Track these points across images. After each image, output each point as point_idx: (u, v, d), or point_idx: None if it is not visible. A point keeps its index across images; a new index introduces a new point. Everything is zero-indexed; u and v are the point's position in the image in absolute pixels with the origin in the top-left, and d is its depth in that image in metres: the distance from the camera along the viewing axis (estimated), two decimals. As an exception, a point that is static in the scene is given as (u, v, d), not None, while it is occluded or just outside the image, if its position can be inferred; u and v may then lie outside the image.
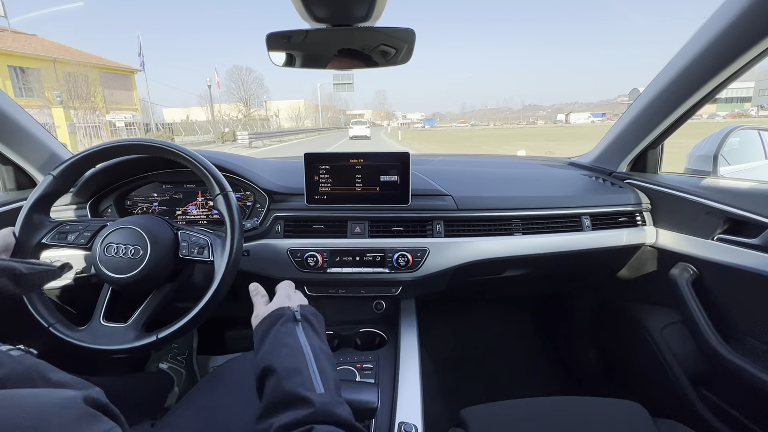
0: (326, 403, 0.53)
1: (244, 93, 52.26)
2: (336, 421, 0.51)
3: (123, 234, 0.81)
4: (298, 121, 67.65)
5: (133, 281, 0.79)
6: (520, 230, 1.11)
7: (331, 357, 0.63)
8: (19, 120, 1.03)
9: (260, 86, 54.84)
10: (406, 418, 0.82)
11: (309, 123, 69.03)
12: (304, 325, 0.64)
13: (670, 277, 1.11)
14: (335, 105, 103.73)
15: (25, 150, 1.08)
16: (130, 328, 0.81)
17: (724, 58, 0.89)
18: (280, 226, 1.08)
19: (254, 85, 53.86)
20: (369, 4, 0.69)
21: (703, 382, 1.08)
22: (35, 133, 1.09)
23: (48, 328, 0.78)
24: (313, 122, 70.41)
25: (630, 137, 1.26)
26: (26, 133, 1.07)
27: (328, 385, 0.56)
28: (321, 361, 0.59)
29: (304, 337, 0.62)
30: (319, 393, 0.54)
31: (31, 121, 1.08)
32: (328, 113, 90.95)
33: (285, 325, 0.63)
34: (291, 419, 0.50)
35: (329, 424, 0.50)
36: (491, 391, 1.59)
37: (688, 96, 1.02)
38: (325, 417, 0.51)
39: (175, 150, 0.85)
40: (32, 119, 1.09)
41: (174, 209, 1.17)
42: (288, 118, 66.87)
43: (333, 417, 0.52)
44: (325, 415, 0.51)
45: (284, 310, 0.66)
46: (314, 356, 0.59)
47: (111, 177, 1.10)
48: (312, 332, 0.64)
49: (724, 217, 0.99)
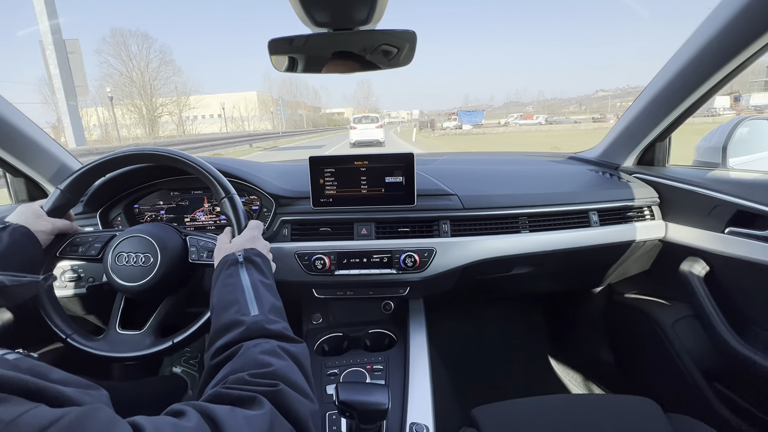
0: (257, 321, 0.56)
1: (140, 77, 32.64)
2: (266, 335, 0.54)
3: (133, 243, 0.82)
4: (243, 123, 49.08)
5: (145, 289, 0.80)
6: (527, 228, 1.11)
7: (270, 287, 0.67)
8: (29, 132, 1.05)
9: (169, 65, 33.65)
10: (418, 418, 0.82)
11: (265, 125, 49.68)
12: (247, 265, 0.68)
13: (681, 271, 1.10)
14: (304, 101, 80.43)
15: (35, 162, 1.10)
16: (146, 334, 0.83)
17: (734, 47, 0.88)
18: (287, 229, 1.08)
19: (158, 61, 32.87)
20: (369, 8, 0.69)
21: (717, 377, 1.07)
22: (45, 144, 1.11)
23: (66, 339, 0.79)
24: (271, 124, 51.25)
25: (637, 130, 1.24)
26: (36, 145, 1.08)
27: (263, 308, 0.59)
28: (258, 290, 0.63)
29: (246, 275, 0.66)
30: (252, 315, 0.57)
31: (40, 132, 1.10)
32: (298, 110, 69.94)
33: (228, 269, 0.67)
34: (224, 342, 0.53)
35: (259, 338, 0.53)
36: (502, 390, 1.58)
37: (696, 87, 1.00)
38: (255, 333, 0.54)
39: (178, 157, 0.86)
40: (41, 131, 1.11)
41: (182, 216, 1.18)
42: (232, 119, 48.78)
43: (263, 332, 0.55)
44: (255, 332, 0.54)
45: (228, 257, 0.70)
46: (252, 287, 0.63)
47: (118, 186, 1.12)
48: (254, 270, 0.68)
49: (735, 210, 0.98)
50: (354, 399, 0.67)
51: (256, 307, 0.59)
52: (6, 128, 1.00)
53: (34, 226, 0.76)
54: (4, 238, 0.70)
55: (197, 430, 0.35)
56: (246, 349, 0.50)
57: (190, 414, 0.37)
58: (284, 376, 0.46)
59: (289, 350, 0.52)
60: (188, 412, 0.37)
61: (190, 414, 0.37)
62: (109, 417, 0.31)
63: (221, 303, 0.61)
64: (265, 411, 0.41)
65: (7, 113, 0.98)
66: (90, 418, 0.29)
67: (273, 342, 0.53)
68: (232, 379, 0.45)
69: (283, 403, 0.43)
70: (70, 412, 0.29)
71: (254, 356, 0.49)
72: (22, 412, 0.27)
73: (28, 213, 0.78)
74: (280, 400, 0.43)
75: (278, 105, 54.80)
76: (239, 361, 0.49)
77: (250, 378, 0.45)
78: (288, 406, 0.43)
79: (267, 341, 0.52)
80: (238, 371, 0.47)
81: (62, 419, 0.28)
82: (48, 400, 0.30)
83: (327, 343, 1.14)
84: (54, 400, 0.30)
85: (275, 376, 0.46)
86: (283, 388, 0.44)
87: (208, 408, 0.38)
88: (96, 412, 0.30)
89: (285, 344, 0.53)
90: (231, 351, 0.51)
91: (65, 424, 0.28)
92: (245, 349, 0.50)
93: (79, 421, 0.29)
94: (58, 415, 0.28)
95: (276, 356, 0.49)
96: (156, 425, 0.33)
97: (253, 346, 0.51)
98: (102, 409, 0.31)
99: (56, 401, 0.30)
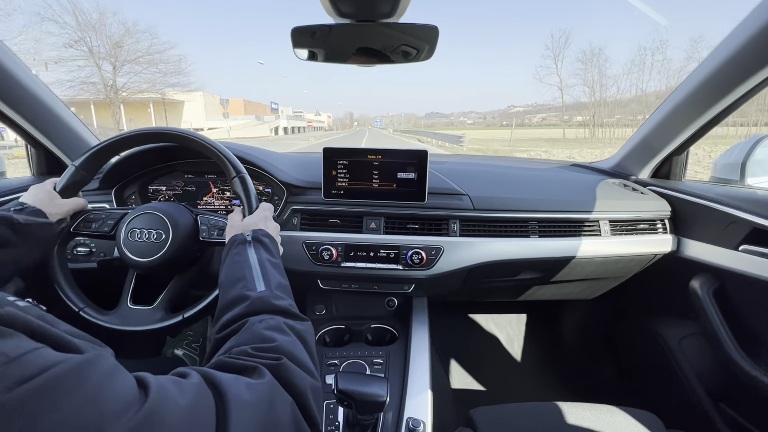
0: (262, 297, 0.56)
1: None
2: (272, 310, 0.55)
3: (145, 219, 0.84)
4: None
5: (157, 264, 0.81)
6: (536, 233, 1.10)
7: (278, 266, 0.67)
8: (52, 106, 1.08)
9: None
10: (415, 413, 0.82)
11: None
12: (255, 245, 0.69)
13: (691, 287, 1.08)
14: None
15: (56, 135, 1.13)
16: (157, 309, 0.84)
17: (758, 62, 0.86)
18: (296, 218, 1.09)
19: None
20: (394, 1, 0.70)
21: (722, 396, 1.05)
22: (66, 119, 1.13)
23: (79, 312, 0.81)
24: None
25: (654, 143, 1.23)
26: (58, 119, 1.11)
27: (269, 284, 0.60)
28: (266, 267, 0.63)
29: (253, 253, 0.66)
30: (258, 290, 0.58)
31: (63, 107, 1.12)
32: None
33: (236, 248, 0.68)
34: (230, 317, 0.54)
35: (265, 314, 0.53)
36: (501, 393, 1.57)
37: (717, 100, 0.99)
38: (261, 308, 0.54)
39: (191, 137, 0.87)
40: (65, 106, 1.13)
41: (195, 197, 1.20)
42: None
43: (269, 307, 0.55)
44: (260, 307, 0.55)
45: (237, 237, 0.71)
46: (259, 264, 0.64)
47: (134, 165, 1.14)
48: (262, 249, 0.69)
49: (751, 227, 0.96)
50: (353, 389, 0.67)
51: (263, 284, 0.59)
52: (31, 100, 1.02)
53: (48, 209, 0.77)
54: (20, 221, 0.71)
55: (199, 389, 0.36)
56: (251, 324, 0.51)
57: (194, 376, 0.37)
58: (288, 351, 0.47)
59: (294, 327, 0.53)
60: (191, 374, 0.37)
61: (193, 376, 0.37)
62: (113, 365, 0.32)
63: (228, 279, 0.61)
64: (266, 380, 0.41)
65: (33, 86, 1.01)
66: (94, 364, 0.30)
67: (279, 318, 0.53)
68: (235, 351, 0.46)
69: (284, 375, 0.43)
70: (74, 357, 0.29)
71: (259, 331, 0.49)
72: (28, 350, 0.27)
73: (42, 195, 0.79)
74: (281, 372, 0.43)
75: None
76: (244, 336, 0.49)
77: (253, 351, 0.45)
78: (288, 379, 0.43)
79: (272, 317, 0.53)
80: (242, 345, 0.47)
81: (66, 362, 0.28)
82: (53, 344, 0.30)
83: (329, 334, 1.15)
84: (60, 345, 0.30)
85: (278, 351, 0.46)
86: (285, 361, 0.44)
87: (210, 373, 0.39)
88: (100, 359, 0.31)
89: (290, 321, 0.54)
90: (236, 326, 0.52)
91: (69, 367, 0.28)
92: (250, 324, 0.51)
93: (84, 365, 0.29)
94: (61, 358, 0.28)
95: (281, 332, 0.50)
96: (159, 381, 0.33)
97: (259, 322, 0.51)
98: (106, 357, 0.31)
99: (62, 347, 0.30)
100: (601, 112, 42.23)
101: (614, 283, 1.35)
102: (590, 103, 44.67)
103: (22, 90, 0.99)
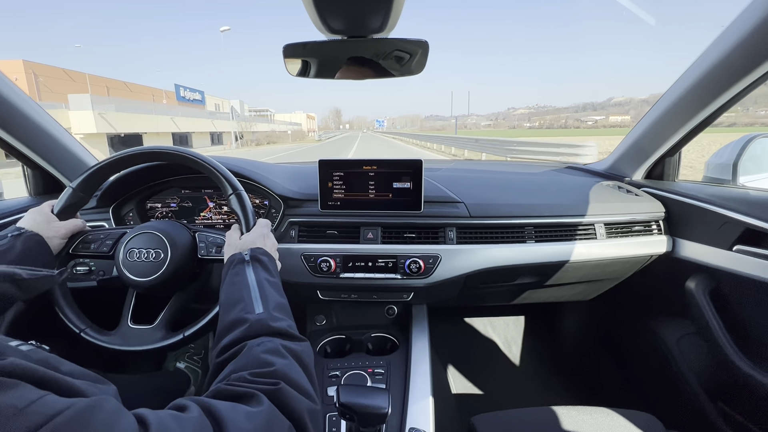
0: (261, 319, 0.57)
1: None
2: (270, 332, 0.55)
3: (143, 239, 0.84)
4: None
5: (156, 283, 0.81)
6: (533, 238, 1.11)
7: (276, 285, 0.67)
8: (46, 126, 1.08)
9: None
10: (417, 424, 0.83)
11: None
12: (254, 264, 0.69)
13: (687, 287, 1.09)
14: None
15: (51, 156, 1.13)
16: (157, 328, 0.84)
17: (747, 64, 0.88)
18: (294, 231, 1.10)
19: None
20: (384, 17, 0.70)
21: (720, 395, 1.06)
22: (61, 139, 1.13)
23: (80, 334, 0.81)
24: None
25: (647, 144, 1.24)
26: (52, 140, 1.11)
27: (267, 305, 0.60)
28: (264, 288, 0.64)
29: (252, 273, 0.67)
30: (257, 313, 0.58)
31: (57, 127, 1.12)
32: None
33: (235, 268, 0.69)
34: (229, 340, 0.54)
35: (263, 336, 0.54)
36: (502, 399, 1.58)
37: (708, 102, 1.01)
38: (259, 331, 0.55)
39: (187, 155, 0.88)
40: (59, 125, 1.13)
41: (193, 213, 1.20)
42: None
43: (267, 330, 0.55)
44: (259, 330, 0.55)
45: (235, 256, 0.71)
46: (258, 286, 0.64)
47: (131, 183, 1.14)
48: (261, 268, 0.69)
49: (744, 228, 0.97)
50: (355, 402, 0.67)
51: (261, 305, 0.60)
52: (24, 122, 1.02)
53: (46, 233, 0.78)
54: (17, 246, 0.72)
55: (198, 422, 0.36)
56: (249, 348, 0.51)
57: (192, 408, 0.38)
58: (285, 375, 0.47)
59: (291, 348, 0.53)
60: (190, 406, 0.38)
61: (192, 408, 0.38)
62: (114, 408, 0.33)
63: (228, 301, 0.62)
64: (264, 408, 0.41)
65: (25, 107, 1.01)
66: (97, 409, 0.31)
67: (276, 341, 0.53)
68: (234, 377, 0.46)
69: (282, 400, 0.44)
70: (78, 402, 0.30)
71: (257, 355, 0.50)
72: (34, 399, 0.28)
73: (40, 219, 0.80)
74: (279, 397, 0.44)
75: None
76: (242, 360, 0.50)
77: (251, 377, 0.46)
78: (286, 403, 0.44)
79: (270, 340, 0.53)
80: (240, 370, 0.48)
81: (70, 408, 0.29)
82: (57, 390, 0.31)
83: (329, 345, 1.15)
84: (63, 390, 0.31)
85: (276, 376, 0.47)
86: (283, 386, 0.45)
87: (209, 403, 0.39)
88: (103, 403, 0.32)
89: (288, 342, 0.54)
90: (235, 350, 0.52)
91: (73, 413, 0.29)
92: (249, 348, 0.51)
93: (87, 410, 0.30)
94: (67, 404, 0.29)
95: (278, 355, 0.50)
96: (159, 417, 0.34)
97: (257, 345, 0.51)
98: (108, 401, 0.32)
99: (65, 392, 0.31)
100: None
101: (611, 284, 1.36)
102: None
103: (15, 111, 0.99)
